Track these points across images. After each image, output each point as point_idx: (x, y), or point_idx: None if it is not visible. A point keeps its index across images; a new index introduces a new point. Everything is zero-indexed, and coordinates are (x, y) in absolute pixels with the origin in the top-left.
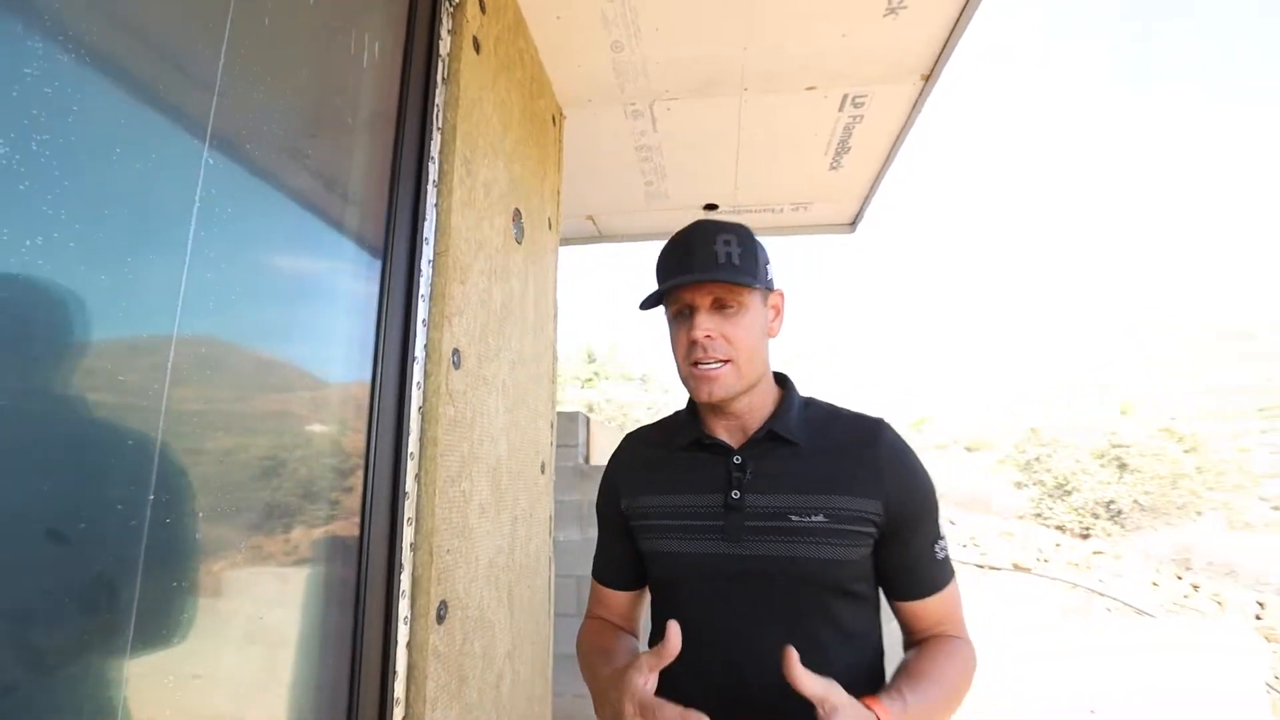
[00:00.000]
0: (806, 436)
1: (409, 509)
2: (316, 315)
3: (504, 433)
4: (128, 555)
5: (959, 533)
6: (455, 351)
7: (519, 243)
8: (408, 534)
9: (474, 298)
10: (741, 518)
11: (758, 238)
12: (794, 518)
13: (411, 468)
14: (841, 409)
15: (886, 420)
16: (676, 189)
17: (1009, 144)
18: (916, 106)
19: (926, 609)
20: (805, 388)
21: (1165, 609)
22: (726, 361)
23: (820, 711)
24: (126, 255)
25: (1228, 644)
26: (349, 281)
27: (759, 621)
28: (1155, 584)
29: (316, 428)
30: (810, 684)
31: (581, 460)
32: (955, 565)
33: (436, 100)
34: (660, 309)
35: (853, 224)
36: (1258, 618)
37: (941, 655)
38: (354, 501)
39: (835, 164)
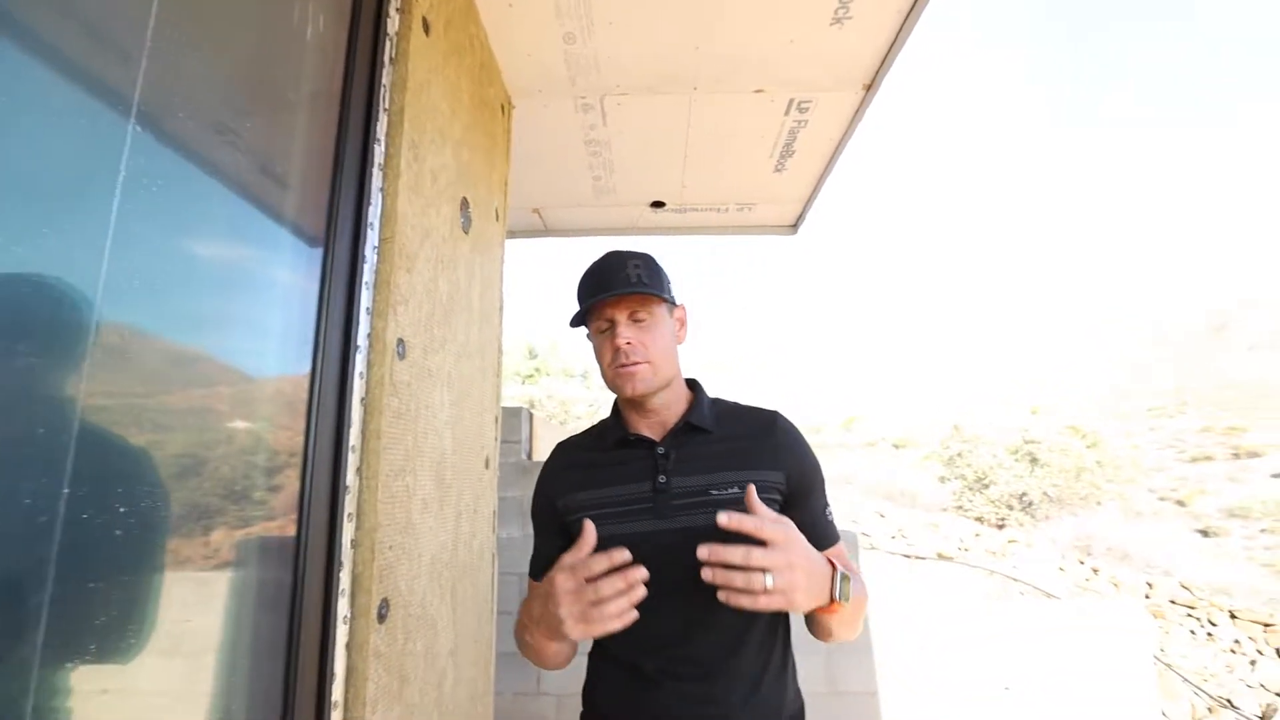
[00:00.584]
0: (717, 425)
1: (350, 504)
2: (253, 301)
3: (449, 426)
4: (36, 557)
5: (888, 525)
6: (400, 341)
7: (466, 232)
8: (348, 530)
9: (420, 287)
10: (669, 497)
11: (659, 262)
12: (714, 492)
13: (353, 461)
14: (742, 404)
15: (780, 411)
16: (624, 185)
17: (940, 152)
18: (858, 115)
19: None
20: (752, 389)
21: (1070, 591)
22: (644, 362)
23: (779, 539)
24: (39, 233)
25: (1122, 623)
26: (289, 266)
27: (690, 587)
28: (1061, 569)
29: (252, 420)
30: (761, 509)
31: (524, 456)
32: (884, 555)
33: (383, 81)
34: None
35: (795, 226)
36: (1146, 596)
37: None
38: (291, 497)
39: (780, 167)
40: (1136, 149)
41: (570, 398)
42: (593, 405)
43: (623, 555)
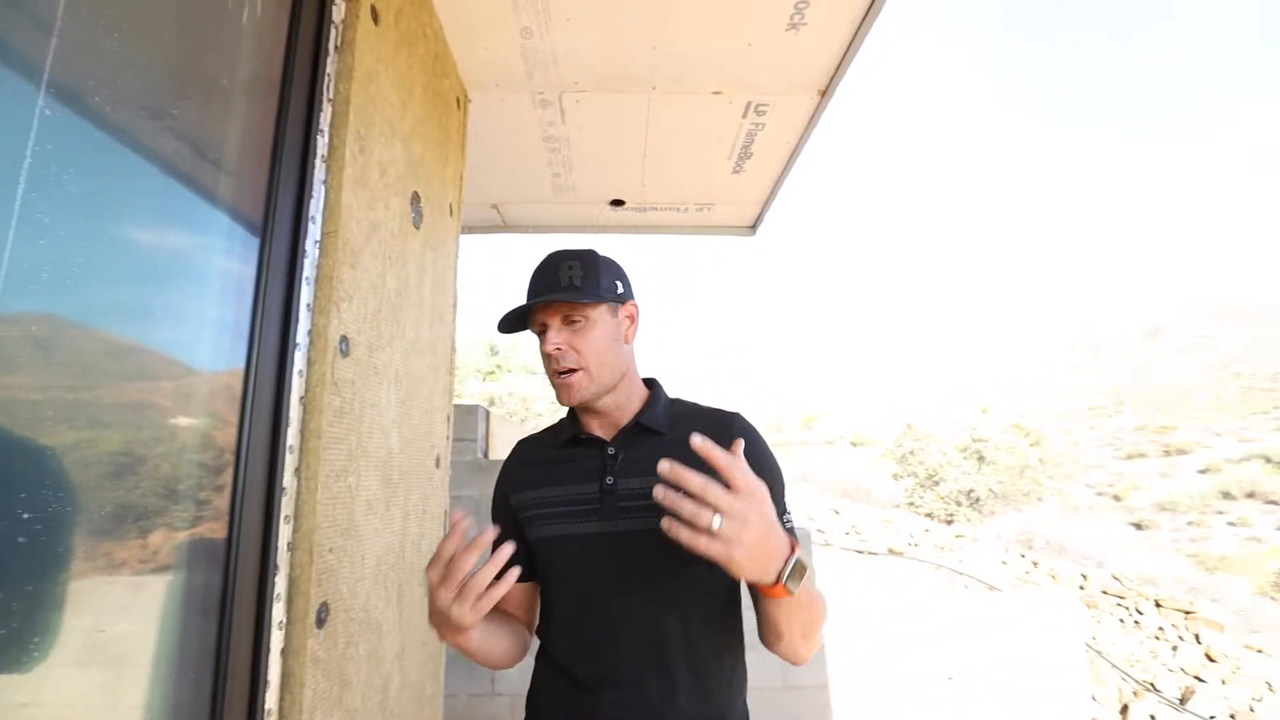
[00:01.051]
0: (670, 427)
1: (287, 506)
2: (181, 295)
3: (396, 425)
4: None
5: (843, 522)
6: (344, 339)
7: (417, 227)
8: (284, 533)
9: (365, 282)
10: (615, 500)
11: (608, 258)
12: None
13: (291, 461)
14: (702, 405)
15: (740, 412)
16: (584, 182)
17: (897, 155)
18: (813, 119)
19: None
20: (713, 387)
21: (1011, 584)
22: (576, 370)
23: (745, 489)
24: None
25: (1057, 614)
26: (221, 259)
27: (633, 588)
28: (1004, 562)
29: (178, 418)
30: (726, 458)
31: (480, 455)
32: (838, 551)
33: (328, 70)
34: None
35: (753, 227)
36: (1081, 588)
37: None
38: (222, 500)
39: (738, 168)
40: (1082, 157)
41: (532, 395)
42: (554, 403)
43: (502, 552)
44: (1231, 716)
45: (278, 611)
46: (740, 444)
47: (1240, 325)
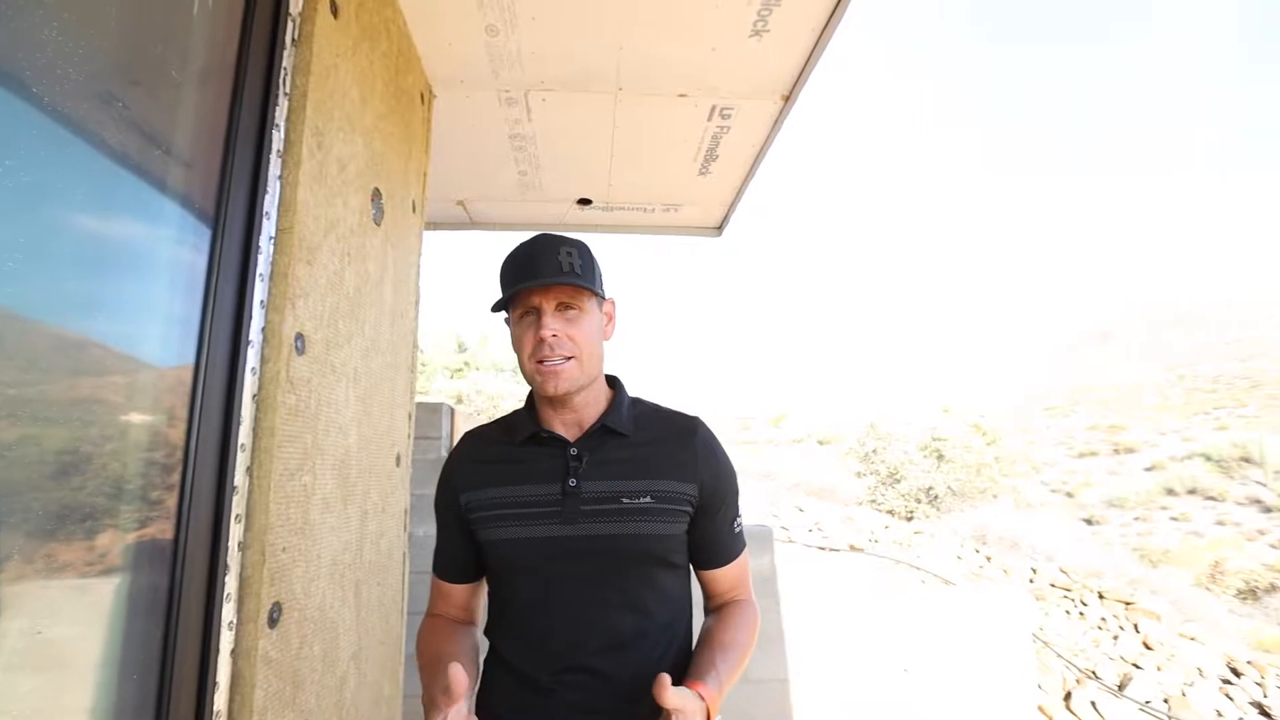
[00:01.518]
0: (634, 429)
1: (238, 505)
2: (131, 289)
3: (354, 424)
4: None
5: (807, 519)
6: (299, 336)
7: (378, 224)
8: (235, 532)
9: (323, 280)
10: (578, 502)
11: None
12: (625, 499)
13: (242, 460)
14: (663, 407)
15: (701, 418)
16: (551, 181)
17: (868, 158)
18: (777, 124)
19: (725, 575)
20: (683, 386)
21: (966, 578)
22: (570, 358)
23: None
24: None
25: (1008, 605)
26: (171, 252)
27: (593, 593)
28: (959, 557)
29: (128, 416)
30: (671, 698)
31: (444, 453)
32: (800, 548)
33: (284, 63)
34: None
35: (719, 228)
36: (1031, 581)
37: (734, 621)
38: (171, 499)
39: (704, 170)
40: (1039, 165)
41: (499, 393)
42: (522, 401)
43: None
44: (1165, 701)
45: (228, 612)
46: (664, 680)
47: (1186, 330)
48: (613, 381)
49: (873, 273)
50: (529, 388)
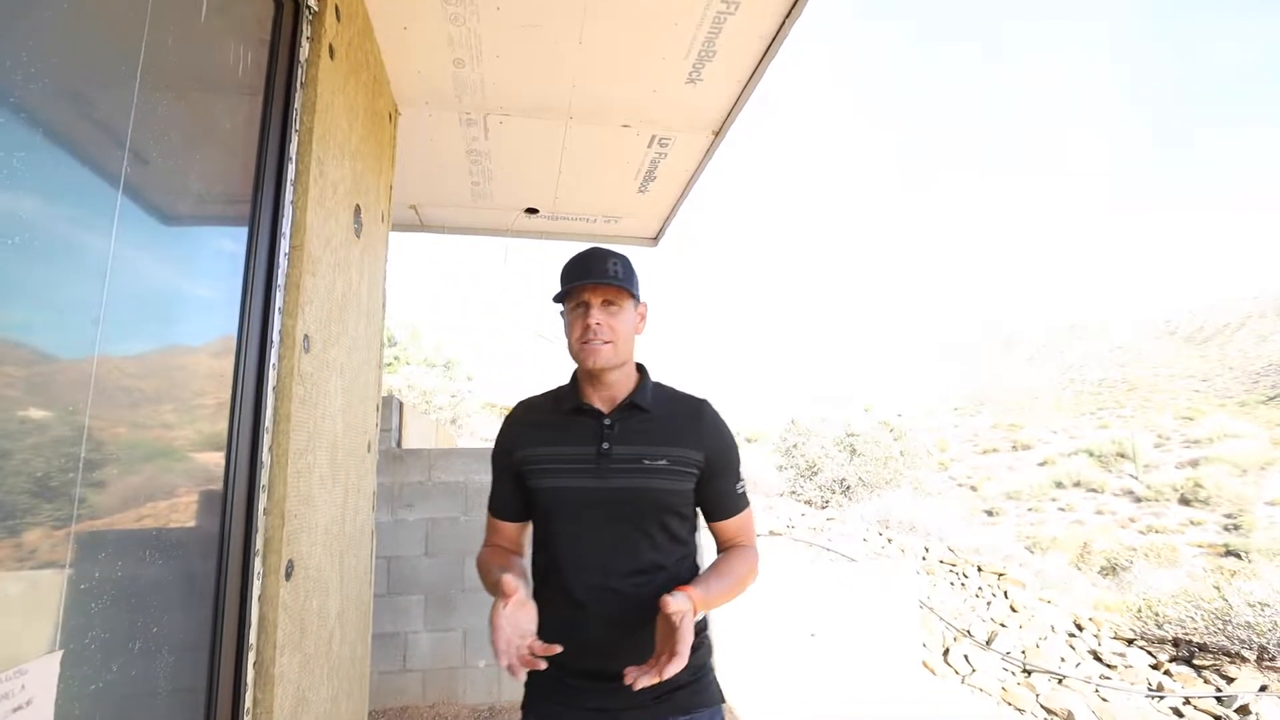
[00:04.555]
0: (655, 406)
1: (263, 477)
2: (193, 304)
3: (341, 412)
4: None
5: None
6: (306, 337)
7: (358, 236)
8: (261, 499)
9: (322, 288)
10: (609, 462)
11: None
12: (646, 461)
13: (266, 441)
14: (678, 391)
15: (709, 400)
16: (502, 191)
17: (794, 172)
18: (708, 154)
19: (729, 526)
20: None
21: (868, 557)
22: (608, 343)
23: (675, 617)
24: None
25: (900, 578)
26: (223, 269)
27: (618, 531)
28: (865, 539)
29: (196, 399)
30: (669, 601)
31: (394, 444)
32: None
33: (295, 105)
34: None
35: (655, 239)
36: (923, 558)
37: (734, 556)
38: (219, 470)
39: (643, 189)
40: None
41: (431, 388)
42: (455, 395)
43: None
44: (1023, 652)
45: (257, 564)
46: (666, 601)
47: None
48: (640, 368)
49: (803, 278)
50: (572, 366)
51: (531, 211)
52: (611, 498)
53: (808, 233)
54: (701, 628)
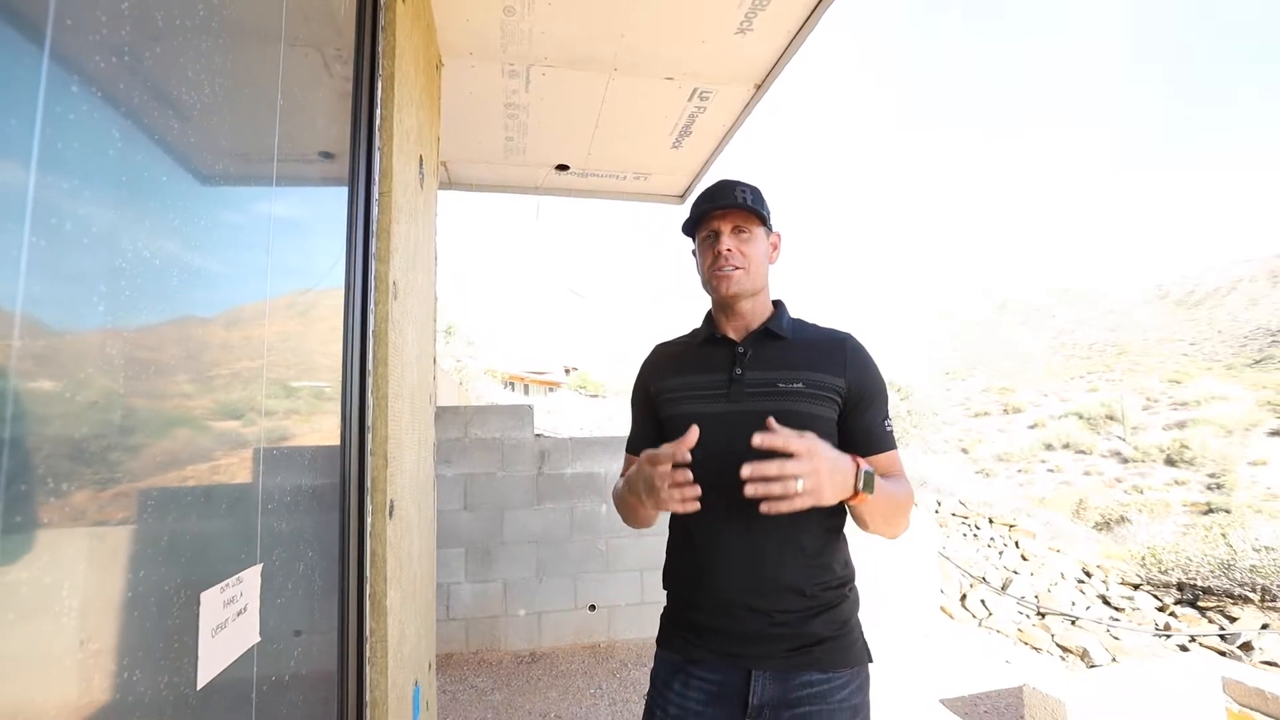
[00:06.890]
0: (793, 334)
1: (368, 418)
2: (313, 252)
3: (415, 362)
4: None
5: None
6: (394, 284)
7: (421, 187)
8: (368, 440)
9: (402, 236)
10: (742, 386)
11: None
12: (780, 384)
13: (371, 384)
14: (820, 325)
15: (852, 333)
16: (534, 146)
17: (803, 144)
18: (748, 108)
19: (878, 463)
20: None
21: None
22: (739, 269)
23: (803, 450)
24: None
25: (918, 530)
26: (331, 222)
27: (751, 455)
28: None
29: (314, 346)
30: (792, 440)
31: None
32: None
33: (380, 49)
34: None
35: (683, 196)
36: (936, 511)
37: (897, 478)
38: (335, 410)
39: (677, 144)
40: (951, 153)
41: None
42: (458, 360)
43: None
44: (1036, 597)
45: (366, 502)
46: (772, 422)
47: (1071, 301)
48: (777, 303)
49: (810, 250)
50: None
51: (562, 168)
52: (744, 420)
53: (804, 194)
54: (846, 580)
